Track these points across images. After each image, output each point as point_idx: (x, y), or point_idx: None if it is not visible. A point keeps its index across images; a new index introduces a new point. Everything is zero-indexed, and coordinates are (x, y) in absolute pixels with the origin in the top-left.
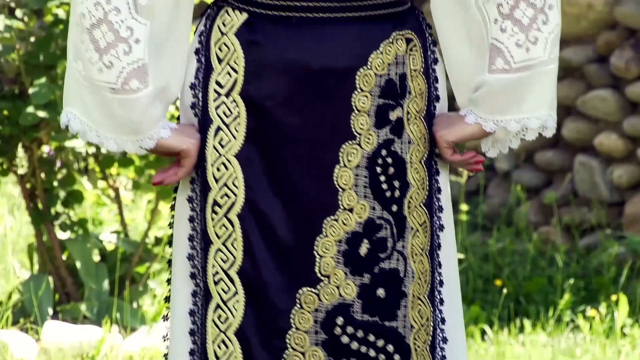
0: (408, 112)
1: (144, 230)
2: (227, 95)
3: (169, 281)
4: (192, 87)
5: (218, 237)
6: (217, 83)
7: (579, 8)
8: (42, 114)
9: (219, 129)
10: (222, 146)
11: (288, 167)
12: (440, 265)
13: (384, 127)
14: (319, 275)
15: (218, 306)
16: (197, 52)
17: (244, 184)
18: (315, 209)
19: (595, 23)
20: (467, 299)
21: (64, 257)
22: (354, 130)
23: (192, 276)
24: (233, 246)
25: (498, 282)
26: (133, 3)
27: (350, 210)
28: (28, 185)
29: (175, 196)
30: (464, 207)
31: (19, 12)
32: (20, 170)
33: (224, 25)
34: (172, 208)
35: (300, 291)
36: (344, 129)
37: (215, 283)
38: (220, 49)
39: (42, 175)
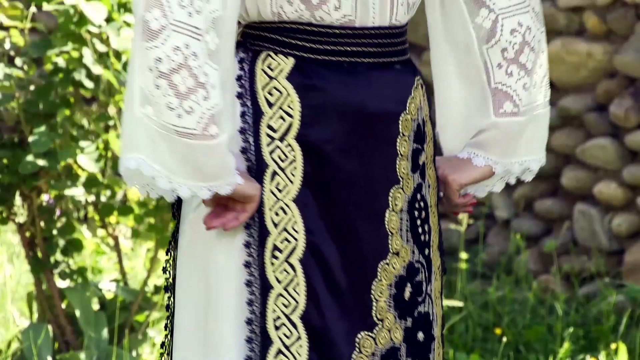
0: (426, 157)
1: (143, 278)
2: (282, 139)
3: (166, 326)
4: (242, 131)
5: (279, 281)
6: (270, 127)
7: (579, 57)
8: (41, 162)
9: (275, 173)
10: (280, 190)
11: (345, 211)
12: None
13: (417, 171)
14: (375, 319)
15: (280, 351)
16: (240, 96)
17: (304, 228)
18: (370, 253)
19: (594, 72)
20: (466, 347)
21: (63, 305)
22: (398, 174)
23: (249, 322)
24: (295, 291)
25: (498, 331)
26: (207, 48)
27: (397, 254)
28: (27, 234)
29: (173, 242)
30: (463, 255)
31: (18, 61)
32: (19, 219)
33: (270, 69)
34: (169, 253)
35: (359, 335)
36: (391, 173)
37: (277, 328)
38: (270, 93)
39: (42, 223)
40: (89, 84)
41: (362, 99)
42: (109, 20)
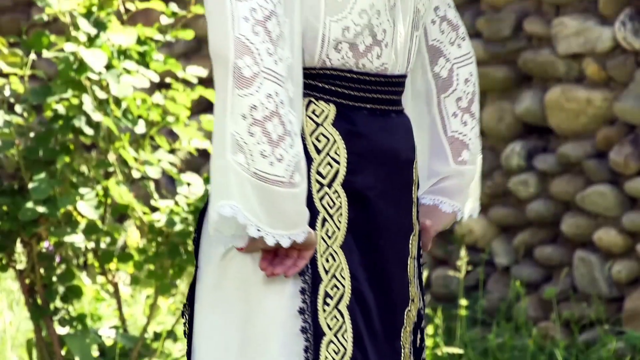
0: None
1: (143, 325)
2: (329, 186)
3: None
4: None
5: (330, 328)
6: (319, 173)
7: (578, 103)
8: (41, 209)
9: (325, 220)
10: (329, 237)
11: (382, 257)
12: None
13: (418, 218)
14: None
15: None
16: None
17: (349, 275)
18: (399, 299)
19: (594, 118)
20: None
21: (63, 352)
22: (413, 221)
23: None
24: (344, 337)
25: None
26: (287, 96)
27: (413, 300)
28: (27, 281)
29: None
30: (463, 302)
31: (18, 108)
32: (19, 266)
33: (315, 115)
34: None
35: None
36: (410, 220)
37: None
38: (318, 140)
39: (41, 270)
40: (89, 131)
41: (396, 146)
42: (108, 67)
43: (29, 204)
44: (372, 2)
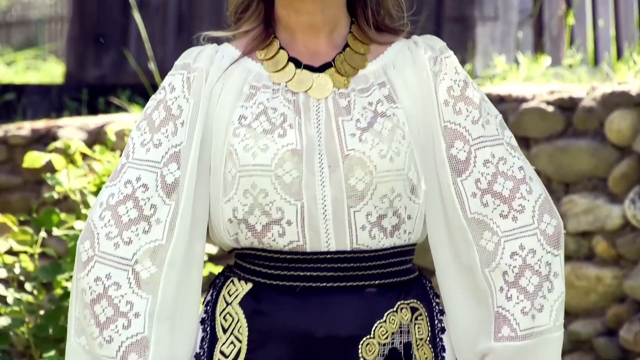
0: None
1: None
2: None
3: None
4: (197, 357)
5: None
6: (222, 353)
7: (588, 281)
8: None
9: None
10: None
11: None
12: None
13: None
14: None
15: None
16: (202, 321)
17: None
18: None
19: (604, 296)
20: None
21: None
22: None
23: None
24: None
25: None
26: (135, 278)
27: None
28: None
29: None
30: None
31: (28, 286)
32: None
33: (229, 295)
34: None
35: None
36: None
37: None
38: (224, 319)
39: None
40: None
41: (309, 324)
42: None
43: None
44: (253, 181)
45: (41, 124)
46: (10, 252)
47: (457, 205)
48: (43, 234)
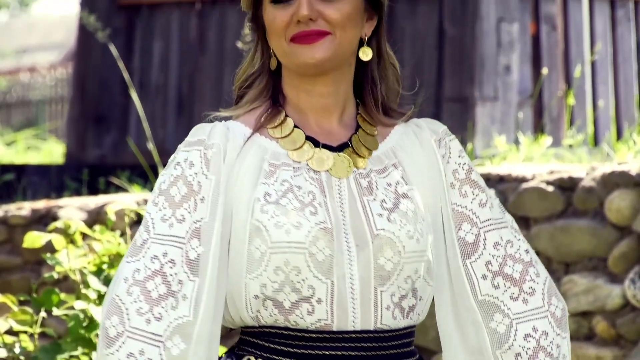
0: None
1: None
2: None
3: None
4: None
5: None
6: None
7: None
8: None
9: None
10: None
11: None
12: None
13: None
14: None
15: None
16: None
17: None
18: None
19: None
20: None
21: None
22: None
23: None
24: None
25: None
26: (167, 354)
27: None
28: None
29: None
30: None
31: None
32: None
33: None
34: None
35: None
36: None
37: None
38: None
39: None
40: None
41: None
42: None
43: None
44: (286, 259)
45: (41, 204)
46: (10, 332)
47: (468, 287)
48: (43, 314)
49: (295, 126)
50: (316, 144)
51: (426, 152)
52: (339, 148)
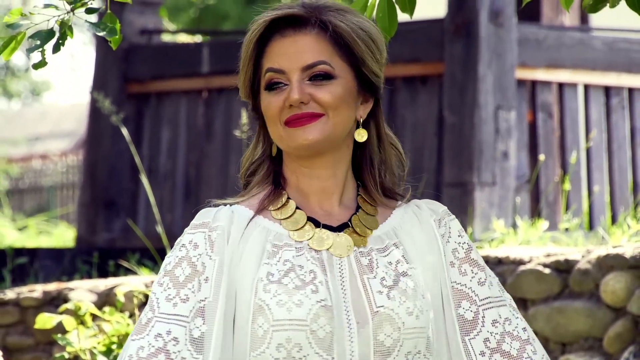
0: None
1: None
2: None
3: None
4: None
5: None
6: None
7: None
8: None
9: None
10: None
11: None
12: None
13: None
14: None
15: None
16: None
17: None
18: None
19: None
20: None
21: None
22: None
23: None
24: None
25: None
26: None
27: None
28: None
29: None
30: None
31: None
32: None
33: None
34: None
35: None
36: None
37: None
38: None
39: None
40: None
41: None
42: None
43: None
44: (288, 336)
45: (53, 286)
46: None
47: None
48: None
49: (297, 207)
50: (317, 224)
51: (425, 232)
52: (339, 228)
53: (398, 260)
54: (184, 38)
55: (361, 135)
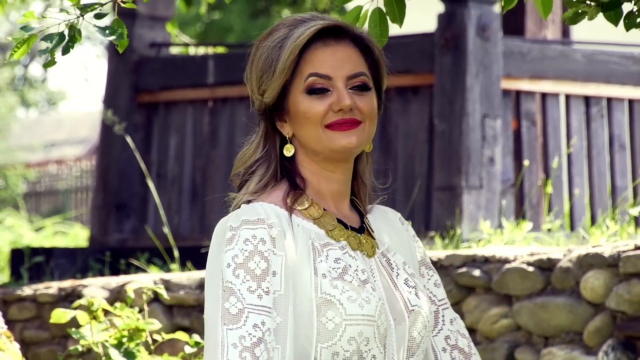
0: None
1: None
2: None
3: None
4: None
5: None
6: None
7: None
8: None
9: None
10: None
11: None
12: None
13: None
14: None
15: None
16: None
17: None
18: None
19: None
20: None
21: None
22: None
23: None
24: None
25: None
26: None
27: None
28: None
29: None
30: None
31: None
32: None
33: None
34: None
35: None
36: None
37: None
38: None
39: None
40: None
41: None
42: None
43: None
44: (360, 330)
45: (67, 283)
46: None
47: (432, 359)
48: None
49: (324, 209)
50: (345, 226)
51: (398, 233)
52: (360, 230)
53: (404, 262)
54: (190, 51)
55: (370, 146)
